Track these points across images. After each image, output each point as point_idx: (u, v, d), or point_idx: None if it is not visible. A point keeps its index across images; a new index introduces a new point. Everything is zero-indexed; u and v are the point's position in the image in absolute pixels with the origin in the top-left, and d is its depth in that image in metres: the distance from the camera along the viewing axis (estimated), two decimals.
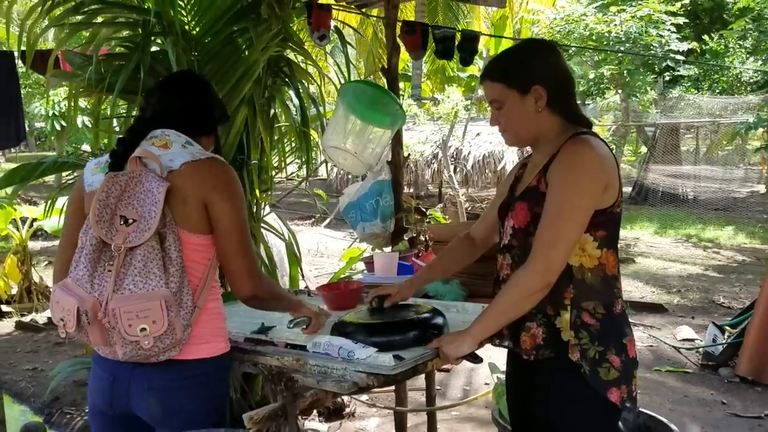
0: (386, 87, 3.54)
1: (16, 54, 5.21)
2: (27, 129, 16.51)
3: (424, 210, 3.40)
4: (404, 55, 3.61)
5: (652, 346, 5.74)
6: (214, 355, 1.80)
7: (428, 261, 2.89)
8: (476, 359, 1.87)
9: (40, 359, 5.47)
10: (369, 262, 2.97)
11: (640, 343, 5.79)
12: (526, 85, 1.76)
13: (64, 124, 13.60)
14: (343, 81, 3.67)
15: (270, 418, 1.89)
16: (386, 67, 3.57)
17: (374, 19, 5.15)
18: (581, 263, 1.73)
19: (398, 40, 3.49)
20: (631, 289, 7.86)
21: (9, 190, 4.28)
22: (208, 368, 1.79)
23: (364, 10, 4.27)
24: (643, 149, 15.73)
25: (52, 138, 15.14)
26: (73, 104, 3.59)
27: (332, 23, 4.00)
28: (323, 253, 9.87)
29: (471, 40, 3.59)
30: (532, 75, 1.77)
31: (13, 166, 4.52)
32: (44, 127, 14.82)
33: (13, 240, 7.05)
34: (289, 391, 1.89)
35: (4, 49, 6.00)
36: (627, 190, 15.93)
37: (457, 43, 3.58)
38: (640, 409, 3.14)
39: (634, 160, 16.28)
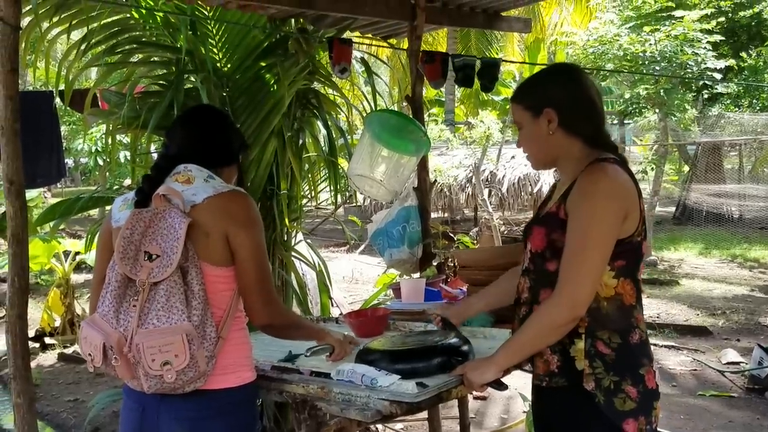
0: (411, 115, 3.58)
1: (55, 93, 5.43)
2: (71, 165, 17.09)
3: (451, 235, 3.39)
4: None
5: (696, 370, 5.59)
6: (240, 384, 1.82)
7: (456, 286, 2.88)
8: (501, 386, 1.86)
9: (81, 390, 5.57)
10: (396, 289, 2.97)
11: (683, 368, 5.65)
12: (538, 108, 1.80)
13: (107, 159, 14.00)
14: (369, 110, 3.72)
15: None
16: (411, 95, 3.61)
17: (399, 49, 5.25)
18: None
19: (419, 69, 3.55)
20: (676, 312, 7.69)
21: (51, 224, 4.43)
22: (234, 398, 1.81)
23: (393, 41, 4.33)
24: (686, 168, 15.42)
25: (96, 173, 15.58)
26: (111, 141, 3.72)
27: (359, 55, 4.08)
28: (358, 279, 9.89)
29: (491, 66, 3.62)
30: (544, 98, 1.80)
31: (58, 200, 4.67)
32: (88, 163, 15.26)
33: (56, 273, 7.24)
34: (312, 420, 1.90)
35: (44, 89, 6.23)
36: (670, 210, 15.63)
37: (477, 70, 3.61)
38: None
39: (676, 180, 15.97)
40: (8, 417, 4.83)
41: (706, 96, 13.81)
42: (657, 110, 11.59)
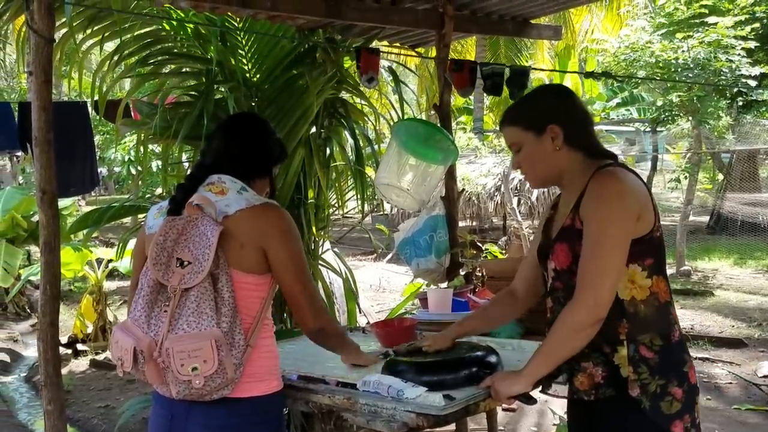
0: (439, 123, 3.56)
1: (89, 103, 5.52)
2: (104, 174, 17.39)
3: (480, 245, 3.36)
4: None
5: (731, 383, 5.46)
6: (267, 392, 1.82)
7: (484, 297, 2.85)
8: (530, 400, 1.83)
9: (112, 397, 5.64)
10: (423, 299, 2.95)
11: (718, 381, 5.52)
12: (541, 125, 1.81)
13: (139, 168, 14.21)
14: (397, 119, 3.72)
15: None
16: (438, 104, 3.60)
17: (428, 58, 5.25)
18: (633, 296, 1.72)
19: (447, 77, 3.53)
20: (710, 323, 7.54)
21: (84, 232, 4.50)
22: (261, 406, 1.82)
23: (421, 49, 4.33)
24: (720, 177, 15.12)
25: (129, 182, 15.84)
26: (144, 150, 3.78)
27: (387, 64, 4.08)
28: (385, 288, 9.87)
29: (520, 74, 3.59)
30: (546, 115, 1.82)
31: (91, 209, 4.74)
32: (121, 172, 15.52)
33: (89, 280, 7.36)
34: (338, 430, 1.89)
35: (79, 100, 6.36)
36: (704, 219, 15.34)
37: (506, 78, 3.59)
38: None
39: (710, 188, 15.67)
40: (40, 422, 4.90)
41: (740, 103, 13.53)
42: (690, 118, 11.40)
